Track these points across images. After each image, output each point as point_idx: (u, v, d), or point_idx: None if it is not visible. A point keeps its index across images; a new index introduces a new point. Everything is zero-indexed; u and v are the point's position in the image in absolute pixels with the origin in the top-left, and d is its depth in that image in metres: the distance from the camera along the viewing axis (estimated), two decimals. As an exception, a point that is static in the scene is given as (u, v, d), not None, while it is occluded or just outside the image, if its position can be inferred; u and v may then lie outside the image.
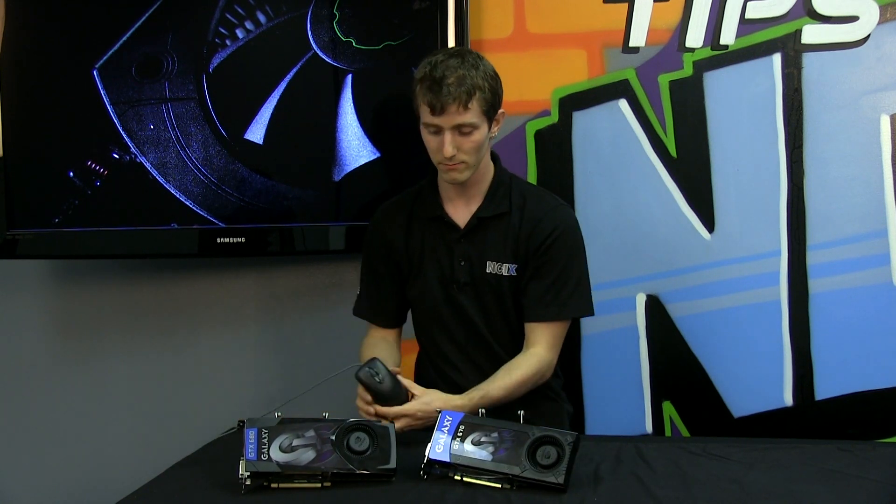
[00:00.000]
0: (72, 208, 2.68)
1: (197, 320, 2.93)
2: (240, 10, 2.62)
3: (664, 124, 2.59)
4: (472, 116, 1.99)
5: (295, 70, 2.62)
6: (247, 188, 2.66)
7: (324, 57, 2.62)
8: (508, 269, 2.12)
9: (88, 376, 2.98)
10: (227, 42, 2.63)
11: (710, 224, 2.59)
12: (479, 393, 2.02)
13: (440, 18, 2.58)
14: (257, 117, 2.64)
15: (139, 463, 2.31)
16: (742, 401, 2.60)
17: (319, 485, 1.76)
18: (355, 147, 2.64)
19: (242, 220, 2.67)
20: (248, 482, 1.74)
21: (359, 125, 2.63)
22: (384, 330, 2.24)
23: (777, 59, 2.53)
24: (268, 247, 2.71)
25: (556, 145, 2.64)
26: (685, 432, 2.63)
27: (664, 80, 2.58)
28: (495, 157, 2.17)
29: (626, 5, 2.58)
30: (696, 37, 2.56)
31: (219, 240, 2.67)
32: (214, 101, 2.65)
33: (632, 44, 2.59)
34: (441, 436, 1.80)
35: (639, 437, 2.54)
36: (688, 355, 2.61)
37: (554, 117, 2.64)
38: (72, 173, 2.67)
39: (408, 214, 2.18)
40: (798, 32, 2.51)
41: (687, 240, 2.59)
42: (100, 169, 2.67)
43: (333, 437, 1.78)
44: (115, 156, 2.67)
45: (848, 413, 2.54)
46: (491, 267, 2.12)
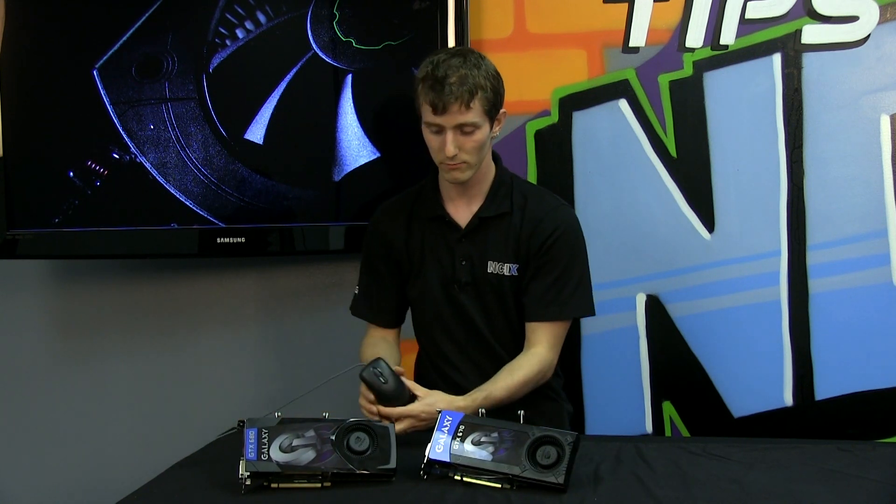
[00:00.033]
0: (72, 208, 2.68)
1: (197, 320, 2.93)
2: (240, 10, 2.62)
3: (664, 124, 2.59)
4: (473, 116, 1.99)
5: (295, 70, 2.62)
6: (247, 188, 2.66)
7: (324, 57, 2.62)
8: (510, 268, 2.12)
9: (88, 376, 2.98)
10: (227, 42, 2.63)
11: (710, 224, 2.59)
12: (482, 394, 2.02)
13: (440, 18, 2.58)
14: (257, 117, 2.64)
15: (139, 463, 2.30)
16: (742, 401, 2.60)
17: (319, 485, 1.76)
18: (355, 147, 2.64)
19: (242, 220, 2.67)
20: (248, 482, 1.74)
21: (359, 125, 2.63)
22: (384, 330, 2.24)
23: (777, 59, 2.53)
24: (268, 247, 2.71)
25: (556, 145, 2.64)
26: (685, 432, 2.63)
27: (664, 80, 2.58)
28: (496, 157, 2.16)
29: (626, 5, 2.58)
30: (696, 37, 2.56)
31: (219, 240, 2.67)
32: (214, 101, 2.65)
33: (632, 44, 2.59)
34: (441, 436, 1.80)
35: (639, 437, 2.54)
36: (688, 355, 2.61)
37: (554, 117, 2.64)
38: (72, 173, 2.67)
39: (408, 214, 2.18)
40: (798, 32, 2.51)
41: (687, 240, 2.59)
42: (100, 169, 2.67)
43: (333, 437, 1.78)
44: (115, 156, 2.67)
45: (848, 413, 2.54)
46: (492, 267, 2.12)
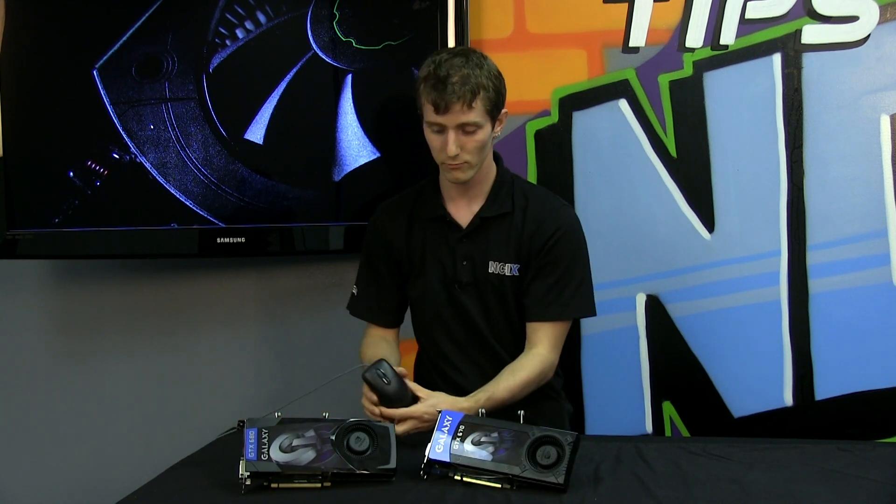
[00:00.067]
0: (72, 208, 2.68)
1: (197, 320, 2.93)
2: (240, 10, 2.62)
3: (664, 124, 2.59)
4: (475, 116, 1.99)
5: (295, 70, 2.62)
6: (247, 188, 2.66)
7: (324, 57, 2.62)
8: (511, 269, 2.12)
9: (88, 376, 2.98)
10: (227, 42, 2.63)
11: (710, 224, 2.59)
12: (485, 395, 2.01)
13: (440, 18, 2.58)
14: (257, 117, 2.64)
15: (139, 463, 2.30)
16: (742, 401, 2.60)
17: (319, 485, 1.76)
18: (355, 147, 2.64)
19: (242, 220, 2.67)
20: (248, 482, 1.74)
21: (359, 125, 2.63)
22: (384, 329, 2.23)
23: (777, 59, 2.53)
24: (268, 247, 2.71)
25: (556, 145, 2.64)
26: (685, 432, 2.63)
27: (664, 80, 2.58)
28: (498, 157, 2.16)
29: (626, 5, 2.58)
30: (696, 37, 2.56)
31: (219, 240, 2.66)
32: (214, 101, 2.65)
33: (632, 44, 2.59)
34: (441, 436, 1.80)
35: (639, 437, 2.54)
36: (688, 355, 2.61)
37: (554, 117, 2.64)
38: (72, 173, 2.67)
39: (409, 214, 2.18)
40: (798, 32, 2.51)
41: (687, 240, 2.59)
42: (100, 169, 2.67)
43: (333, 437, 1.78)
44: (115, 156, 2.67)
45: (848, 413, 2.54)
46: (493, 267, 2.12)
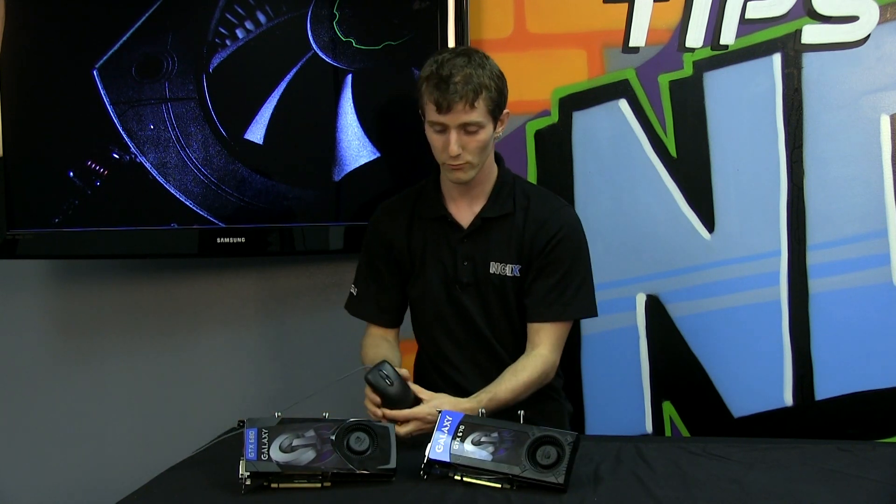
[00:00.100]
0: (72, 208, 2.68)
1: (197, 320, 2.93)
2: (240, 10, 2.62)
3: (664, 124, 2.59)
4: (478, 115, 1.99)
5: (295, 70, 2.62)
6: (247, 188, 2.66)
7: (324, 57, 2.62)
8: (512, 269, 2.12)
9: (88, 376, 2.98)
10: (227, 42, 2.63)
11: (710, 224, 2.59)
12: (487, 396, 2.01)
13: (440, 18, 2.58)
14: (257, 117, 2.64)
15: (139, 463, 2.30)
16: (742, 401, 2.60)
17: (319, 485, 1.77)
18: (355, 147, 2.64)
19: (242, 220, 2.67)
20: (248, 482, 1.74)
21: (359, 125, 2.63)
22: (384, 329, 2.23)
23: (777, 59, 2.53)
24: (268, 247, 2.71)
25: (556, 145, 2.64)
26: (685, 432, 2.63)
27: (664, 80, 2.58)
28: (499, 157, 2.16)
29: (626, 5, 2.58)
30: (696, 37, 2.56)
31: (219, 240, 2.66)
32: (214, 101, 2.65)
33: (632, 44, 2.58)
34: (441, 436, 1.80)
35: (639, 437, 2.54)
36: (688, 355, 2.61)
37: (554, 117, 2.64)
38: (72, 173, 2.67)
39: (409, 213, 2.18)
40: (798, 32, 2.51)
41: (687, 240, 2.59)
42: (100, 169, 2.67)
43: (333, 437, 1.78)
44: (115, 156, 2.67)
45: (848, 413, 2.54)
46: (494, 267, 2.12)
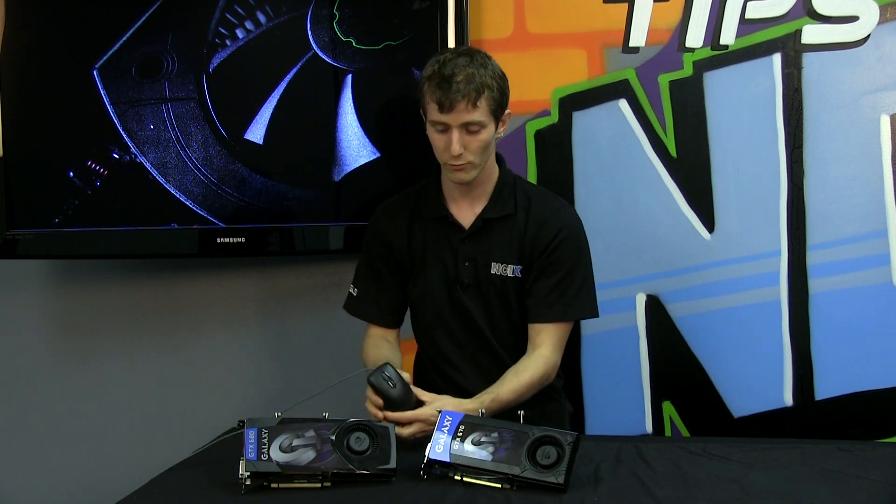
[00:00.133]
0: (72, 208, 2.68)
1: (197, 320, 2.93)
2: (240, 10, 2.62)
3: (664, 124, 2.59)
4: (480, 115, 1.99)
5: (295, 70, 2.62)
6: (247, 188, 2.66)
7: (324, 57, 2.62)
8: (513, 270, 2.12)
9: (88, 376, 2.98)
10: (227, 42, 2.63)
11: (710, 224, 2.59)
12: (490, 396, 2.01)
13: (440, 18, 2.58)
14: (257, 117, 2.64)
15: (139, 463, 2.30)
16: (742, 401, 2.60)
17: (319, 485, 1.76)
18: (355, 147, 2.64)
19: (242, 220, 2.67)
20: (248, 482, 1.74)
21: (359, 125, 2.63)
22: (384, 330, 2.23)
23: (777, 59, 2.53)
24: (268, 247, 2.71)
25: (556, 145, 2.64)
26: (685, 432, 2.63)
27: (664, 80, 2.58)
28: (500, 158, 2.16)
29: (626, 5, 2.58)
30: (696, 37, 2.56)
31: (219, 240, 2.66)
32: (214, 101, 2.65)
33: (632, 44, 2.58)
34: (441, 436, 1.80)
35: (639, 437, 2.54)
36: (688, 355, 2.61)
37: (554, 117, 2.64)
38: (72, 173, 2.67)
39: (410, 214, 2.18)
40: (798, 32, 2.51)
41: (687, 240, 2.59)
42: (100, 169, 2.67)
43: (333, 437, 1.78)
44: (115, 156, 2.67)
45: (848, 413, 2.53)
46: (496, 268, 2.12)
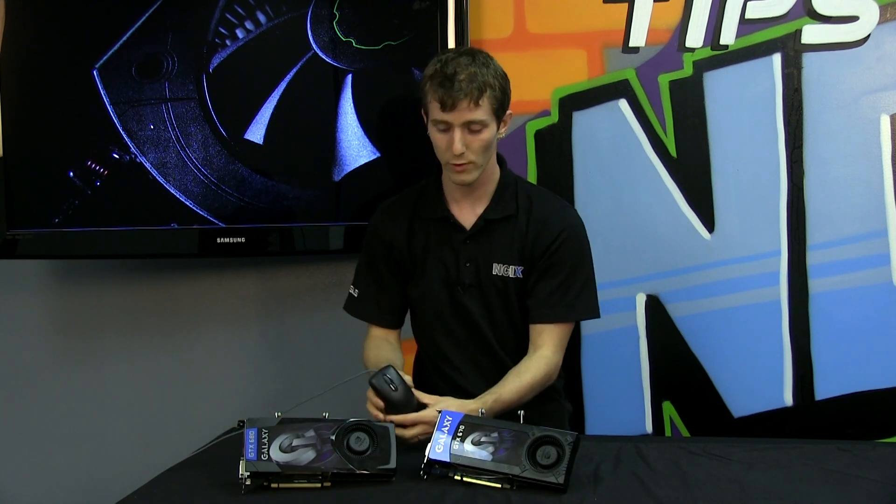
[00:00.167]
0: (72, 208, 2.68)
1: (197, 320, 2.93)
2: (240, 10, 2.62)
3: (664, 124, 2.59)
4: (482, 114, 1.99)
5: (295, 70, 2.62)
6: (247, 188, 2.66)
7: (324, 57, 2.62)
8: (515, 271, 2.12)
9: (88, 376, 2.98)
10: (227, 42, 2.63)
11: (710, 224, 2.59)
12: (492, 396, 2.01)
13: (440, 18, 2.57)
14: (257, 117, 2.64)
15: (139, 463, 2.30)
16: (742, 401, 2.59)
17: (319, 485, 1.76)
18: (355, 147, 2.64)
19: (242, 220, 2.67)
20: (248, 482, 1.74)
21: (359, 125, 2.63)
22: (386, 331, 2.23)
23: (777, 59, 2.53)
24: (268, 247, 2.71)
25: (556, 145, 2.64)
26: (685, 432, 2.63)
27: (664, 80, 2.58)
28: (501, 159, 2.16)
29: (626, 5, 2.58)
30: (696, 37, 2.56)
31: (219, 240, 2.66)
32: (214, 101, 2.65)
33: (632, 44, 2.58)
34: (441, 436, 1.80)
35: (639, 437, 2.54)
36: (688, 355, 2.61)
37: (554, 117, 2.63)
38: (72, 173, 2.67)
39: (410, 214, 2.18)
40: (798, 32, 2.51)
41: (687, 240, 2.59)
42: (100, 169, 2.67)
43: (333, 437, 1.78)
44: (115, 156, 2.67)
45: (848, 413, 2.53)
46: (497, 269, 2.12)
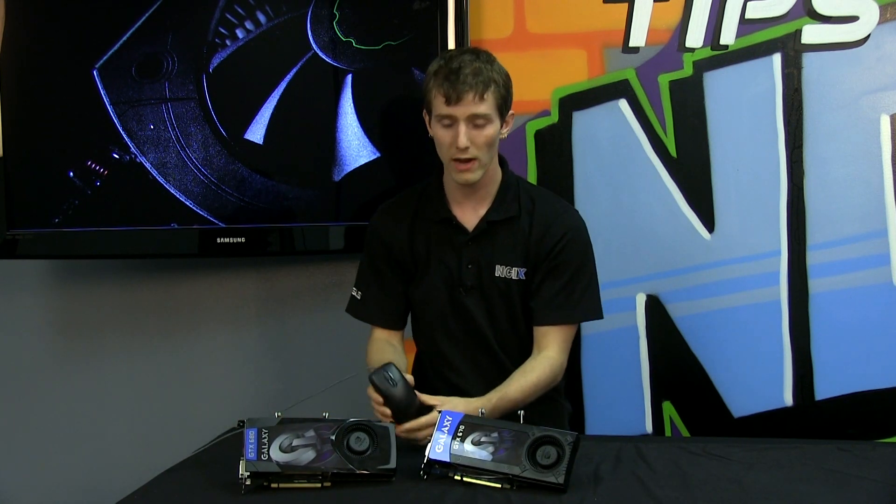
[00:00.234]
0: (72, 208, 2.68)
1: (197, 320, 2.93)
2: (240, 10, 2.62)
3: (664, 124, 2.59)
4: (487, 108, 1.99)
5: (295, 70, 2.62)
6: (247, 188, 2.66)
7: (324, 57, 2.62)
8: (517, 272, 2.11)
9: (88, 376, 2.98)
10: (227, 42, 2.63)
11: (710, 224, 2.59)
12: (497, 394, 2.01)
13: (440, 18, 2.58)
14: (257, 117, 2.64)
15: (139, 463, 2.30)
16: (742, 401, 2.59)
17: (319, 485, 1.77)
18: (355, 147, 2.64)
19: (242, 220, 2.67)
20: (248, 482, 1.74)
21: (359, 125, 2.63)
22: (388, 332, 2.22)
23: (777, 59, 2.53)
24: (268, 247, 2.71)
25: (556, 145, 2.64)
26: (685, 432, 2.63)
27: (664, 80, 2.58)
28: (503, 160, 2.16)
29: (626, 5, 2.58)
30: (696, 37, 2.56)
31: (219, 240, 2.67)
32: (214, 101, 2.65)
33: (632, 44, 2.58)
34: (441, 436, 1.80)
35: (639, 437, 2.54)
36: (688, 355, 2.61)
37: (554, 117, 2.63)
38: (72, 173, 2.67)
39: (412, 215, 2.17)
40: (798, 32, 2.51)
41: (687, 240, 2.59)
42: (100, 169, 2.67)
43: (333, 437, 1.78)
44: (115, 156, 2.67)
45: (848, 413, 2.53)
46: (500, 271, 2.11)
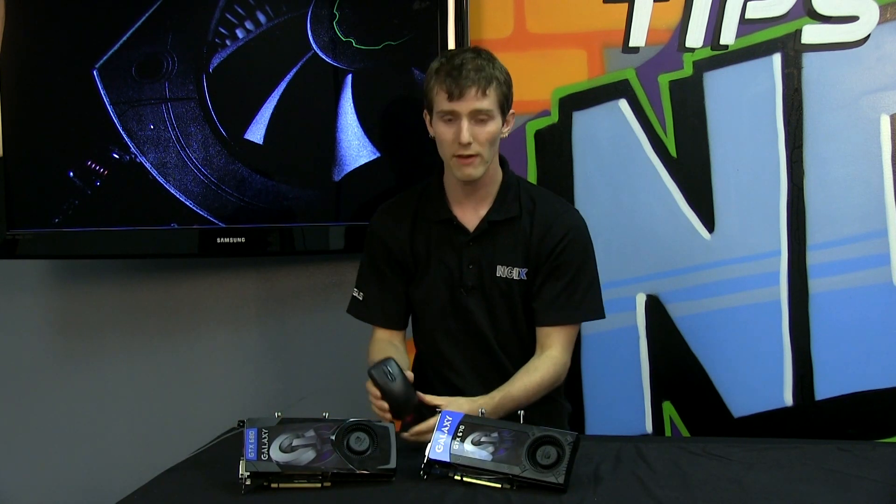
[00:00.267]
0: (72, 208, 2.68)
1: (197, 320, 2.93)
2: (240, 10, 2.62)
3: (664, 124, 2.59)
4: (489, 104, 2.00)
5: (295, 70, 2.62)
6: (247, 188, 2.66)
7: (324, 57, 2.62)
8: (519, 273, 2.11)
9: (88, 376, 2.98)
10: (227, 42, 2.63)
11: (710, 224, 2.59)
12: (501, 393, 2.02)
13: (440, 18, 2.58)
14: (257, 117, 2.64)
15: (139, 463, 2.30)
16: (742, 401, 2.59)
17: (319, 485, 1.77)
18: (355, 147, 2.64)
19: (242, 220, 2.67)
20: (248, 482, 1.74)
21: (359, 125, 2.63)
22: (390, 332, 2.21)
23: (777, 59, 2.53)
24: (268, 247, 2.71)
25: (556, 145, 2.64)
26: (685, 432, 2.63)
27: (664, 80, 2.58)
28: (504, 160, 2.16)
29: (626, 5, 2.58)
30: (696, 37, 2.56)
31: (219, 240, 2.67)
32: (214, 101, 2.65)
33: (632, 44, 2.58)
34: (441, 436, 1.80)
35: (639, 437, 2.54)
36: (688, 355, 2.61)
37: (554, 117, 2.63)
38: (72, 173, 2.67)
39: (412, 215, 2.17)
40: (798, 32, 2.51)
41: (687, 240, 2.59)
42: (100, 169, 2.67)
43: (333, 437, 1.78)
44: (115, 156, 2.67)
45: (848, 413, 2.53)
46: (501, 271, 2.12)
